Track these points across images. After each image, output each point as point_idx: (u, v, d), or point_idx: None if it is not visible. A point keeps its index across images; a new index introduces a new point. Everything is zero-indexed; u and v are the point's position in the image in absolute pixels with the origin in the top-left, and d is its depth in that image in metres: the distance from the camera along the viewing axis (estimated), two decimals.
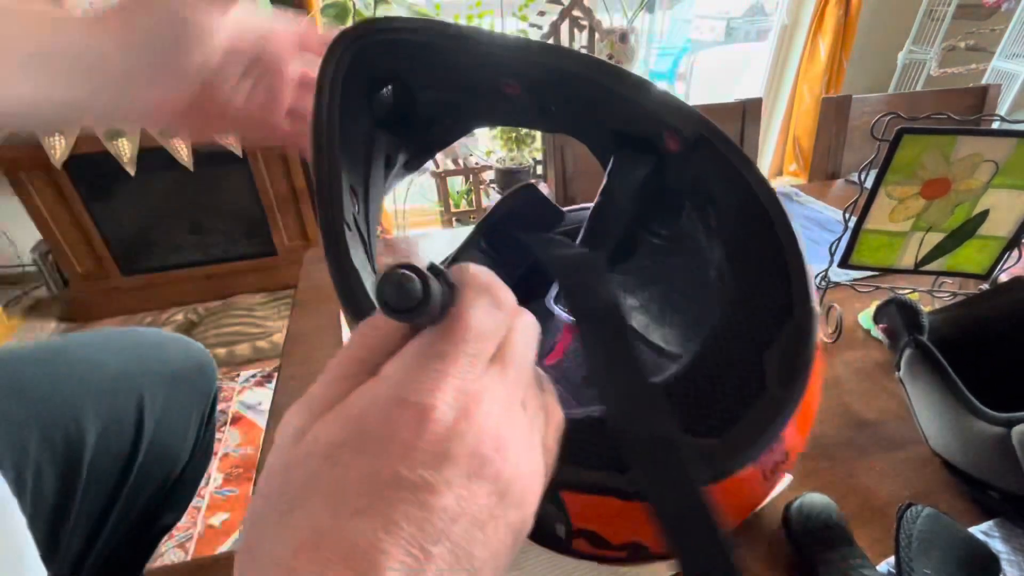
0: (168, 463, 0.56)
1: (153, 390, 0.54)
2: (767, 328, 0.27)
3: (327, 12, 1.67)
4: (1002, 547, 0.39)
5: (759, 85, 2.64)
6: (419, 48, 0.34)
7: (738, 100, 1.04)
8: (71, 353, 0.53)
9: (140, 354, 0.56)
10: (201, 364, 0.61)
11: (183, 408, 0.57)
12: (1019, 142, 0.48)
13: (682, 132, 0.33)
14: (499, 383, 0.17)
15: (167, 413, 0.55)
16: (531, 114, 0.40)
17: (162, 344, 0.59)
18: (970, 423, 0.38)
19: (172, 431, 0.56)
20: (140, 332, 0.60)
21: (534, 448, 0.18)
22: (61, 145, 1.51)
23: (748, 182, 0.31)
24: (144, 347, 0.58)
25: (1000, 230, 0.53)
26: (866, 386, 0.54)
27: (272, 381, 1.57)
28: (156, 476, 0.54)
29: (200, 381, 0.60)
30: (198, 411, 0.59)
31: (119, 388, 0.52)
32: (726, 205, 0.32)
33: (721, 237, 0.32)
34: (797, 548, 0.38)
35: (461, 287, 0.18)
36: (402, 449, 0.15)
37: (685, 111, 0.33)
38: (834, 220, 0.89)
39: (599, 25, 1.83)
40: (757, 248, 0.30)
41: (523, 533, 0.17)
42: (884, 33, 2.37)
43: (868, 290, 0.63)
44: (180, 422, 0.57)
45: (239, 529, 1.16)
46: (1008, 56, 1.95)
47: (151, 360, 0.56)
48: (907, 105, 1.09)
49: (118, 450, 0.50)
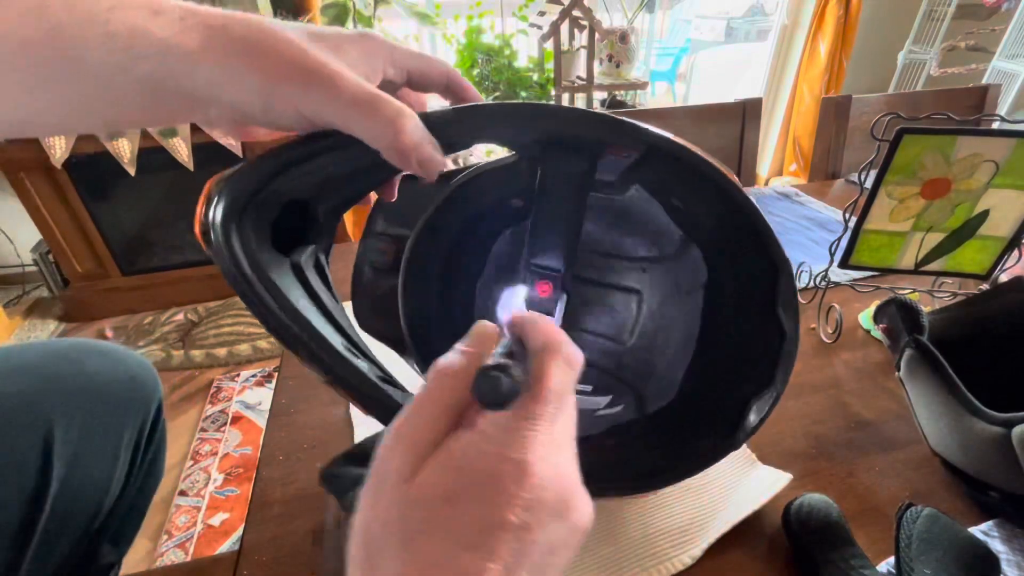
0: (93, 497, 0.48)
1: (67, 415, 0.46)
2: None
3: (327, 12, 1.68)
4: (1002, 547, 0.39)
5: (759, 85, 2.64)
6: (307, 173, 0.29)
7: (738, 100, 1.04)
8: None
9: (50, 372, 0.48)
10: (134, 376, 0.53)
11: (109, 431, 0.50)
12: (1019, 142, 0.48)
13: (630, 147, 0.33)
14: (567, 429, 0.20)
15: (87, 440, 0.47)
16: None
17: (81, 358, 0.51)
18: (970, 423, 0.38)
19: (95, 459, 0.48)
20: (54, 345, 0.52)
21: (578, 477, 0.21)
22: (61, 145, 1.51)
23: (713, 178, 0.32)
24: (57, 363, 0.49)
25: (1000, 230, 0.53)
26: (866, 386, 0.54)
27: (272, 381, 1.57)
28: (78, 515, 0.47)
29: (134, 395, 0.52)
30: (131, 430, 0.52)
31: (15, 424, 0.43)
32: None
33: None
34: (797, 548, 0.38)
35: (542, 352, 0.21)
36: (507, 498, 0.18)
37: (633, 133, 0.32)
38: (834, 220, 0.89)
39: (599, 25, 1.83)
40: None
41: (578, 548, 0.20)
42: (884, 33, 2.37)
43: (868, 290, 0.63)
44: (106, 448, 0.49)
45: (240, 529, 1.16)
46: (1008, 56, 1.95)
47: (65, 378, 0.48)
48: (907, 105, 1.09)
49: (18, 494, 0.42)
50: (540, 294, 0.39)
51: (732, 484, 0.42)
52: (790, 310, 0.33)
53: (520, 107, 0.30)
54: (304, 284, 0.28)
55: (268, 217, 0.28)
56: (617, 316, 0.50)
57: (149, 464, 0.55)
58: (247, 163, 0.27)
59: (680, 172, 0.33)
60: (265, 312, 0.25)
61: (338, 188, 0.31)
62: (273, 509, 0.43)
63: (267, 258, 0.27)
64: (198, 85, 0.22)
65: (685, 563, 0.37)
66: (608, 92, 2.03)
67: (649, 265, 0.48)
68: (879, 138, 0.51)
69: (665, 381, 0.43)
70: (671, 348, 0.46)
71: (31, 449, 0.43)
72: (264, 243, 0.27)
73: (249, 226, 0.26)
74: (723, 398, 0.35)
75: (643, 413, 0.42)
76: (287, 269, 0.28)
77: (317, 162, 0.28)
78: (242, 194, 0.26)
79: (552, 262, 0.38)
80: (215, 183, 0.26)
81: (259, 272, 0.26)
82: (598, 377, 0.49)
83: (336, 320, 0.28)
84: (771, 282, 0.33)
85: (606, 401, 0.46)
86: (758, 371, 0.34)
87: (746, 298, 0.34)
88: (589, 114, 0.31)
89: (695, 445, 0.35)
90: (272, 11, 1.71)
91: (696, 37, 4.12)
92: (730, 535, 0.39)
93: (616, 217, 0.45)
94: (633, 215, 0.45)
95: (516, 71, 2.08)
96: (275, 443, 0.49)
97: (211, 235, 0.25)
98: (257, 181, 0.26)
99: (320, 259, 0.31)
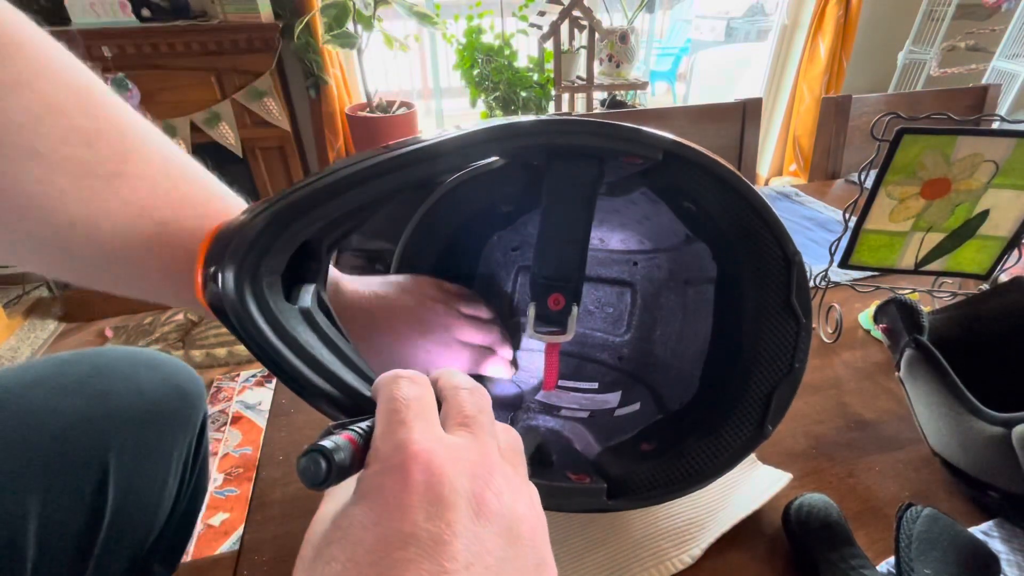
0: (145, 520, 0.46)
1: (121, 438, 0.43)
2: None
3: (327, 12, 1.67)
4: (1002, 547, 0.39)
5: (759, 85, 2.64)
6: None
7: (738, 100, 1.04)
8: (13, 402, 0.41)
9: (103, 388, 0.45)
10: (183, 391, 0.50)
11: (161, 452, 0.47)
12: (1019, 142, 0.48)
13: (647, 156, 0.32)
14: (465, 435, 0.19)
15: (140, 463, 0.44)
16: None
17: (133, 372, 0.47)
18: (970, 423, 0.38)
19: (148, 483, 0.46)
20: (105, 356, 0.48)
21: (522, 487, 0.20)
22: None
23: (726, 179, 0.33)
24: (110, 379, 0.46)
25: (1000, 230, 0.53)
26: (866, 386, 0.54)
27: (272, 381, 1.57)
28: (131, 538, 0.45)
29: (183, 411, 0.49)
30: (180, 448, 0.49)
31: (72, 446, 0.41)
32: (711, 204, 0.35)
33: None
34: (797, 548, 0.38)
35: (375, 394, 0.21)
36: (399, 511, 0.16)
37: (649, 141, 0.32)
38: (834, 220, 0.89)
39: (599, 25, 1.83)
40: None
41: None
42: (884, 33, 2.37)
43: (868, 290, 0.63)
44: (158, 470, 0.47)
45: (240, 529, 1.15)
46: (1008, 56, 1.95)
47: (121, 395, 0.45)
48: (907, 105, 1.09)
49: (75, 520, 0.40)
50: (552, 307, 0.38)
51: (732, 484, 0.42)
52: (803, 299, 0.34)
53: (546, 123, 0.30)
54: (317, 331, 0.26)
55: (279, 269, 0.26)
56: (608, 309, 0.49)
57: (196, 480, 0.53)
58: (249, 214, 0.24)
59: (697, 177, 0.33)
60: (301, 383, 0.24)
61: (346, 222, 0.29)
62: (273, 509, 0.43)
63: (286, 316, 0.25)
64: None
65: (685, 563, 0.37)
66: (608, 92, 2.03)
67: (641, 258, 0.48)
68: (879, 138, 0.51)
69: (681, 375, 0.43)
70: (676, 340, 0.46)
71: (87, 473, 0.41)
72: (279, 300, 0.25)
73: (264, 285, 0.24)
74: (746, 390, 0.35)
75: (665, 411, 0.43)
76: (300, 319, 0.26)
77: (342, 202, 0.26)
78: (253, 251, 0.23)
79: (563, 273, 0.38)
80: (216, 238, 0.24)
81: (293, 346, 0.24)
82: (599, 372, 0.49)
83: (352, 361, 0.26)
84: (784, 276, 0.34)
85: (617, 398, 0.46)
86: (777, 361, 0.35)
87: (760, 292, 0.35)
88: (605, 125, 0.30)
89: (727, 439, 0.35)
90: (272, 11, 1.71)
91: (696, 37, 4.12)
92: (730, 535, 0.39)
93: (606, 213, 0.45)
94: (625, 212, 0.45)
95: (516, 71, 2.08)
96: (275, 443, 0.49)
97: (223, 306, 0.23)
98: (271, 232, 0.24)
99: (323, 297, 0.29)
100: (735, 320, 0.37)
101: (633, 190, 0.39)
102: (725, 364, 0.38)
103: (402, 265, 0.42)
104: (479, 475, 0.18)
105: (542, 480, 0.31)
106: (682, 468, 0.35)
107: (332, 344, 0.26)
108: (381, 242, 0.43)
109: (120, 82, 1.63)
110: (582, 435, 0.43)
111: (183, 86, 1.71)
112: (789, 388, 0.35)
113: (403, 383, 0.20)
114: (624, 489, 0.35)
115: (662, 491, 0.35)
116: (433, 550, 0.15)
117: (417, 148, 0.27)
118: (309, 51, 1.84)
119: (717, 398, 0.38)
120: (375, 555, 0.15)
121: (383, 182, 0.26)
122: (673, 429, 0.40)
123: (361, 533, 0.16)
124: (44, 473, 0.39)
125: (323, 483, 0.17)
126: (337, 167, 0.26)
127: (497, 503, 0.17)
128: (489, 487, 0.17)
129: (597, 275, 0.49)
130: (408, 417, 0.19)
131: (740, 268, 0.35)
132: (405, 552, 0.15)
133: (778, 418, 0.35)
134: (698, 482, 0.35)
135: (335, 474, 0.17)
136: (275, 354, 0.24)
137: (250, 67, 1.73)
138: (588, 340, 0.50)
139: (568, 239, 0.37)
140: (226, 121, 1.77)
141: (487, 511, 0.17)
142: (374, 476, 0.17)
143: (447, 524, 0.15)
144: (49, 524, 0.39)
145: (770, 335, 0.35)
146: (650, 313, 0.48)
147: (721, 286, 0.41)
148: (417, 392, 0.20)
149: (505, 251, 0.49)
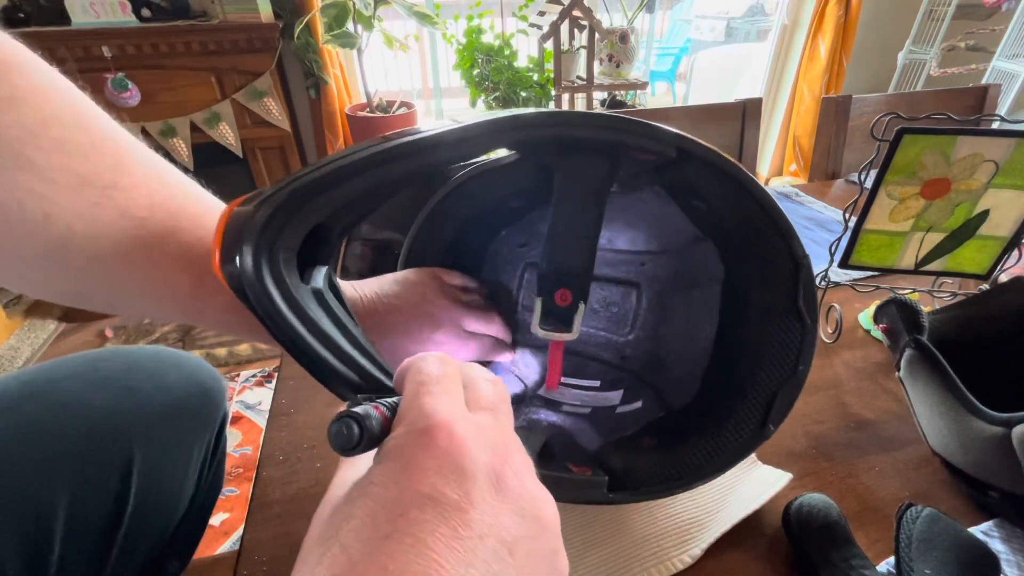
0: (164, 515, 0.47)
1: (147, 432, 0.44)
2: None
3: (327, 12, 1.67)
4: (1002, 547, 0.39)
5: (759, 85, 2.64)
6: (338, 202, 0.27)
7: (738, 100, 1.04)
8: (45, 395, 0.42)
9: (133, 384, 0.46)
10: (206, 388, 0.51)
11: (183, 447, 0.48)
12: (1019, 142, 0.48)
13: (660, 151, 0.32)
14: (483, 418, 0.20)
15: (163, 457, 0.45)
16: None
17: (161, 370, 0.48)
18: (970, 423, 0.38)
19: (169, 478, 0.46)
20: (135, 355, 0.49)
21: (533, 473, 0.20)
22: None
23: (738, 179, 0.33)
24: (139, 376, 0.47)
25: (1000, 230, 0.53)
26: (866, 386, 0.54)
27: (272, 381, 1.57)
28: (150, 533, 0.45)
29: (205, 408, 0.50)
30: (200, 445, 0.50)
31: (102, 439, 0.42)
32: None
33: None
34: (797, 548, 0.38)
35: (402, 376, 0.21)
36: (420, 472, 0.16)
37: (661, 136, 0.32)
38: (834, 220, 0.89)
39: (599, 25, 1.83)
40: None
41: (559, 571, 0.19)
42: (884, 33, 2.37)
43: (868, 290, 0.63)
44: (179, 464, 0.47)
45: (240, 529, 1.15)
46: (1008, 56, 1.95)
47: (147, 391, 0.46)
48: (907, 105, 1.09)
49: (99, 514, 0.41)
50: (560, 303, 0.38)
51: (732, 484, 0.42)
52: (810, 301, 0.34)
53: (562, 115, 0.30)
54: (328, 312, 0.27)
55: (294, 247, 0.26)
56: (613, 309, 0.49)
57: (213, 477, 0.53)
58: (266, 192, 0.24)
59: (708, 174, 0.33)
60: (318, 365, 0.24)
61: (361, 206, 0.29)
62: (273, 509, 0.43)
63: (300, 293, 0.25)
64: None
65: (685, 563, 0.38)
66: (608, 92, 2.03)
67: (648, 258, 0.48)
68: (879, 138, 0.51)
69: (683, 375, 0.43)
70: (680, 340, 0.46)
71: (113, 468, 0.42)
72: (293, 276, 0.25)
73: (280, 264, 0.24)
74: (749, 391, 0.36)
75: (668, 409, 0.43)
76: (312, 299, 0.26)
77: (361, 182, 0.26)
78: (271, 226, 0.24)
79: (572, 270, 0.38)
80: (233, 216, 0.24)
81: (309, 325, 0.24)
82: (601, 370, 0.49)
83: (361, 343, 0.26)
84: (791, 278, 0.34)
85: (619, 396, 0.46)
86: (781, 363, 0.35)
87: (767, 293, 0.35)
88: (621, 120, 0.30)
89: (729, 438, 0.36)
90: (272, 11, 1.71)
91: (696, 37, 4.12)
92: (730, 535, 0.39)
93: (616, 212, 0.45)
94: (633, 211, 0.44)
95: (516, 71, 2.08)
96: (275, 443, 0.49)
97: (242, 283, 0.23)
98: (288, 209, 0.24)
99: (333, 279, 0.30)
100: (740, 321, 0.37)
101: (644, 187, 0.39)
102: (729, 364, 0.38)
103: (411, 255, 0.42)
104: (499, 453, 0.18)
105: (544, 471, 0.31)
106: (683, 464, 0.36)
107: (342, 325, 0.27)
108: (391, 232, 0.43)
109: (120, 82, 1.63)
110: (584, 430, 0.43)
111: (183, 86, 1.71)
112: (792, 390, 0.35)
113: (432, 360, 0.21)
114: (625, 483, 0.35)
115: (663, 486, 0.35)
116: (450, 515, 0.15)
117: (447, 130, 0.28)
118: (309, 51, 1.84)
119: (720, 398, 0.38)
120: (392, 512, 0.15)
121: (404, 164, 0.27)
122: (675, 426, 0.40)
123: (382, 491, 0.16)
124: (74, 465, 0.40)
125: (354, 448, 0.17)
126: (350, 151, 0.27)
127: (516, 482, 0.18)
128: (508, 464, 0.18)
129: (604, 275, 0.49)
130: (436, 389, 0.19)
131: (748, 269, 0.36)
132: (422, 512, 0.15)
133: (780, 418, 0.35)
134: (699, 479, 0.35)
135: (366, 440, 0.18)
136: (290, 330, 0.24)
137: (250, 67, 1.73)
138: (591, 339, 0.50)
139: (579, 233, 0.37)
140: (226, 121, 1.77)
141: (506, 488, 0.17)
142: (399, 438, 0.18)
143: (465, 493, 0.16)
144: (76, 517, 0.39)
145: (775, 337, 0.35)
146: (655, 313, 0.48)
147: (728, 287, 0.41)
148: (446, 370, 0.21)
149: (512, 247, 0.49)
